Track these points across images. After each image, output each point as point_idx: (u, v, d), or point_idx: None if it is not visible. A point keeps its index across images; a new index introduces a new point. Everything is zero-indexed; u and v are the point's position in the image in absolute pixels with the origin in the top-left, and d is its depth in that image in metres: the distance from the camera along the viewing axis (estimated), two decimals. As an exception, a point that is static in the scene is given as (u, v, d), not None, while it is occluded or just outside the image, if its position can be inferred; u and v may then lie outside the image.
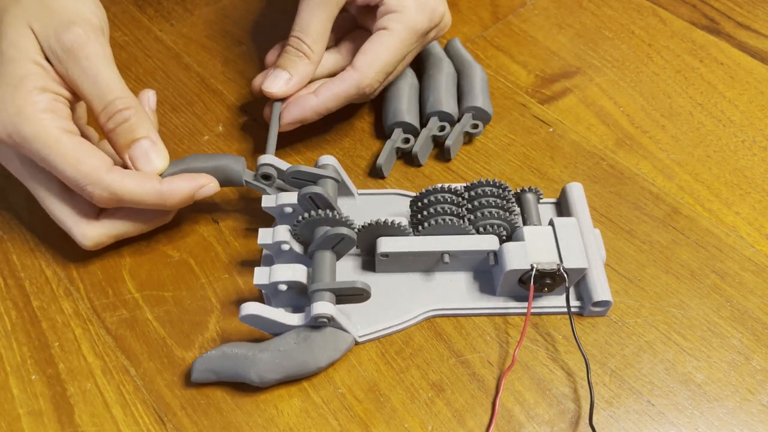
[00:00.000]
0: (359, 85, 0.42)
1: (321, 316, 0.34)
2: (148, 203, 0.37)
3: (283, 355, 0.35)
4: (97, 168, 0.35)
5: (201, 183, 0.38)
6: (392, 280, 0.39)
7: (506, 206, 0.39)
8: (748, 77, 0.50)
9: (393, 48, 0.42)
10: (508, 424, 0.35)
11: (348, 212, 0.41)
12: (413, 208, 0.40)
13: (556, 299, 0.38)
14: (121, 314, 0.39)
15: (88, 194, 0.36)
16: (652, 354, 0.37)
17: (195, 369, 0.35)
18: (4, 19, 0.37)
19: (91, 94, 0.37)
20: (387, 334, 0.38)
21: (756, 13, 0.55)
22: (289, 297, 0.37)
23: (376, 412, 0.35)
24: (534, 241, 0.37)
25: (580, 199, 0.40)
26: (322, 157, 0.41)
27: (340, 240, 0.36)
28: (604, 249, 0.39)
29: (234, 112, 0.49)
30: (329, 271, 0.36)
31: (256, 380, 0.34)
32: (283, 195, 0.39)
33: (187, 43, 0.55)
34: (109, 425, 0.35)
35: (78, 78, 0.36)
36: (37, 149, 0.35)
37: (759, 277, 0.39)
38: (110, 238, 0.39)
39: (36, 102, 0.35)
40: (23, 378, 0.37)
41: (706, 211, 0.43)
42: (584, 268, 0.36)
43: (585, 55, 0.52)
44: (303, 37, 0.42)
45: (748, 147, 0.46)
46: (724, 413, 0.35)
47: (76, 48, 0.36)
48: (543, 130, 0.47)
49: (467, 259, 0.38)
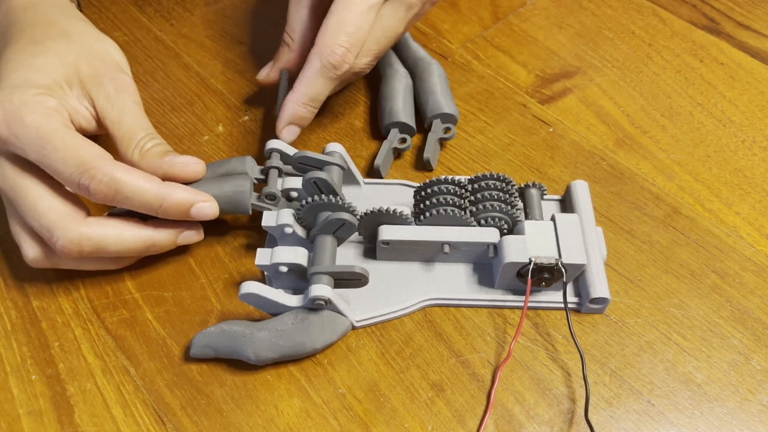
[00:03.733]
0: (319, 57, 0.40)
1: (318, 298, 0.35)
2: (146, 201, 0.36)
3: (281, 334, 0.35)
4: (98, 156, 0.35)
5: (200, 198, 0.37)
6: (392, 268, 0.40)
7: (509, 200, 0.39)
8: (748, 77, 0.50)
9: (341, 7, 0.40)
10: (508, 424, 0.35)
11: (353, 200, 0.42)
12: (416, 197, 0.40)
13: (554, 294, 0.38)
14: (121, 314, 0.39)
15: (84, 186, 0.35)
16: (652, 354, 0.37)
17: (194, 344, 0.36)
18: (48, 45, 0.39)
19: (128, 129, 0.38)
20: (384, 321, 0.38)
21: (756, 13, 0.55)
22: (290, 279, 0.38)
23: (376, 412, 0.35)
24: (534, 236, 0.37)
25: (584, 196, 0.40)
26: (330, 144, 0.41)
27: (341, 225, 0.37)
28: (605, 247, 0.39)
29: (234, 112, 0.49)
30: (329, 255, 0.37)
31: (252, 358, 0.35)
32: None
33: (187, 43, 0.55)
34: (109, 425, 0.35)
35: (118, 116, 0.38)
36: (34, 137, 0.35)
37: (759, 277, 0.39)
38: (90, 245, 0.36)
39: (44, 101, 0.36)
40: (23, 378, 0.37)
41: (706, 211, 0.43)
42: (582, 264, 0.36)
43: (585, 55, 0.52)
44: (286, 29, 0.45)
45: (748, 147, 0.46)
46: (724, 413, 0.35)
47: (123, 92, 0.39)
48: (543, 130, 0.47)
49: (467, 250, 0.38)
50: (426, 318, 0.38)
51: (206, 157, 0.47)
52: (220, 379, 0.36)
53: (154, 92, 0.51)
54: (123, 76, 0.40)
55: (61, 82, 0.38)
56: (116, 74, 0.39)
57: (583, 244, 0.37)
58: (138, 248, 0.38)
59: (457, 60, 0.52)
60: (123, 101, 0.39)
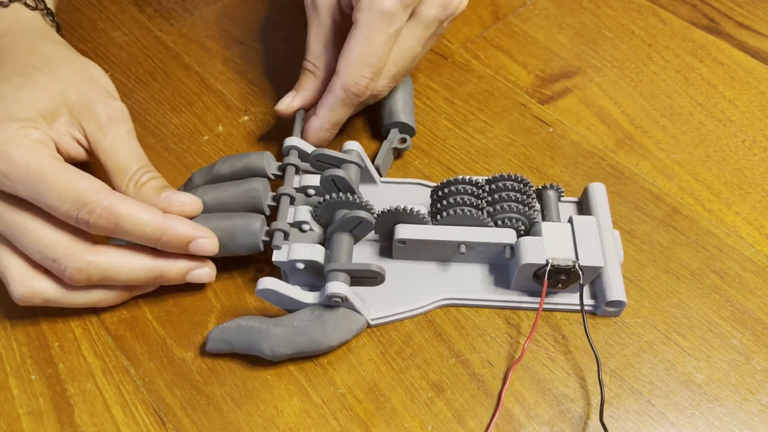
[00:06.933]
0: (343, 87, 0.41)
1: (335, 295, 0.35)
2: (145, 234, 0.35)
3: (296, 331, 0.35)
4: (95, 189, 0.34)
5: (200, 234, 0.36)
6: (408, 267, 0.40)
7: (526, 201, 0.39)
8: (748, 77, 0.50)
9: (363, 39, 0.40)
10: (508, 424, 0.35)
11: (370, 198, 0.42)
12: (434, 197, 0.41)
13: (570, 296, 0.38)
14: (121, 314, 0.39)
15: (83, 221, 0.34)
16: (652, 354, 0.37)
17: (210, 339, 0.36)
18: (32, 77, 0.37)
19: (122, 160, 0.37)
20: (400, 319, 0.38)
21: (756, 13, 0.55)
22: (306, 276, 0.38)
23: (376, 412, 0.35)
24: (551, 237, 0.37)
25: (601, 199, 0.40)
26: (347, 143, 0.42)
27: (358, 223, 0.37)
28: (622, 250, 0.39)
29: (234, 112, 0.49)
30: (346, 253, 0.37)
31: (268, 353, 0.35)
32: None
33: (187, 43, 0.55)
34: (109, 425, 0.35)
35: (111, 146, 0.37)
36: (26, 175, 0.33)
37: (759, 277, 0.39)
38: (98, 273, 0.35)
39: (29, 134, 0.35)
40: (23, 378, 0.37)
41: (706, 211, 0.43)
42: (600, 266, 0.36)
43: (585, 55, 0.52)
44: (306, 56, 0.44)
45: (748, 147, 0.46)
46: (724, 413, 0.35)
47: (116, 120, 0.38)
48: (543, 130, 0.47)
49: (484, 251, 0.38)
50: (426, 318, 0.38)
51: (206, 157, 0.47)
52: (220, 379, 0.36)
53: (154, 92, 0.51)
54: (115, 102, 0.39)
55: (45, 113, 0.36)
56: (108, 101, 0.38)
57: (600, 246, 0.37)
58: (146, 278, 0.37)
59: (457, 60, 0.52)
60: (116, 130, 0.38)
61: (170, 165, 0.46)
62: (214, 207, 0.38)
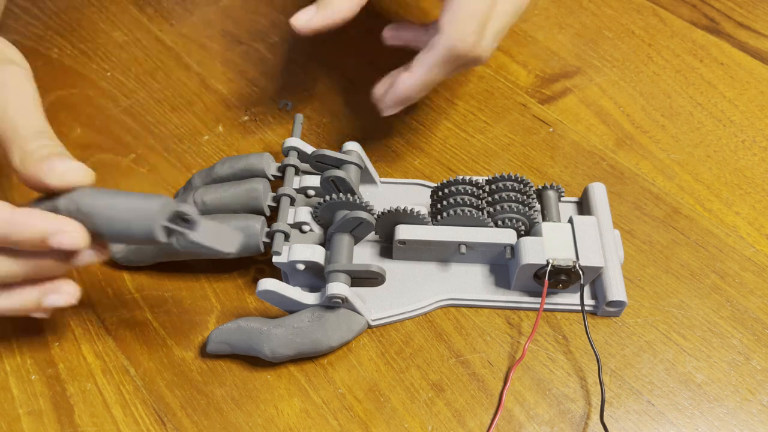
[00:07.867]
0: (449, 45, 0.36)
1: (335, 296, 0.35)
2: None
3: (297, 332, 0.35)
4: None
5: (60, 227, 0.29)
6: (409, 267, 0.40)
7: (526, 201, 0.39)
8: (748, 77, 0.50)
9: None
10: (508, 424, 0.35)
11: (370, 199, 0.42)
12: (434, 197, 0.41)
13: (570, 297, 0.38)
14: (121, 314, 0.39)
15: None
16: (652, 354, 0.37)
17: (210, 340, 0.36)
18: None
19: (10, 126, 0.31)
20: (400, 320, 0.38)
21: (756, 13, 0.55)
22: (306, 277, 0.38)
23: (376, 412, 0.35)
24: (552, 237, 0.37)
25: (602, 199, 0.40)
26: (347, 143, 0.42)
27: (358, 224, 0.37)
28: (622, 250, 0.39)
29: (234, 112, 0.49)
30: (346, 253, 0.37)
31: (268, 355, 0.35)
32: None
33: (187, 43, 0.55)
34: (109, 425, 0.35)
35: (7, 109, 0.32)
36: None
37: (759, 277, 0.39)
38: None
39: None
40: (23, 378, 0.37)
41: (706, 211, 0.43)
42: (600, 267, 0.36)
43: (585, 55, 0.52)
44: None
45: (748, 147, 0.46)
46: (724, 413, 0.35)
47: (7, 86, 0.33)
48: (543, 130, 0.47)
49: (484, 251, 0.38)
50: (426, 318, 0.38)
51: (206, 157, 0.47)
52: (220, 379, 0.36)
53: (154, 92, 0.51)
54: (11, 66, 0.34)
55: None
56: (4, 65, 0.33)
57: (600, 246, 0.37)
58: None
59: (457, 60, 0.52)
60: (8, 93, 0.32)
61: (170, 165, 0.46)
62: (215, 208, 0.38)
